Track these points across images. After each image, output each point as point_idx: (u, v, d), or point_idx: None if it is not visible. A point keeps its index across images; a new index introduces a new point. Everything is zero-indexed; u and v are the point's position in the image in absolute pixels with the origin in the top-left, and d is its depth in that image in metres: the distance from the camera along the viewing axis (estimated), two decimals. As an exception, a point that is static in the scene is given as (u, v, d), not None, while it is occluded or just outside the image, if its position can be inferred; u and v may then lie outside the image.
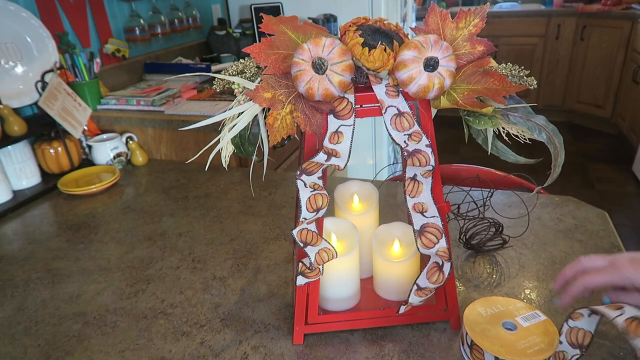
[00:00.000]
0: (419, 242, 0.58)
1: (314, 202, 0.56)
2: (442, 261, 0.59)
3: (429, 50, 0.50)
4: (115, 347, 0.66)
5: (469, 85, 0.54)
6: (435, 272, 0.59)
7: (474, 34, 0.54)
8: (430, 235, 0.57)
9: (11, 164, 1.16)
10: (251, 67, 0.56)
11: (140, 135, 1.38)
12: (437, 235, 0.57)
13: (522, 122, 0.56)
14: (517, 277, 0.76)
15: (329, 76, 0.50)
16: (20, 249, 0.94)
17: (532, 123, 0.55)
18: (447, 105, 0.55)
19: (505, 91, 0.53)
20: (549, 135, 0.55)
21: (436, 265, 0.59)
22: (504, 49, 3.81)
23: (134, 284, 0.80)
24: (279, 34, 0.54)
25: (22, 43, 1.25)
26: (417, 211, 0.57)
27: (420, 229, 0.58)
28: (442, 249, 0.57)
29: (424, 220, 0.57)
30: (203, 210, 1.04)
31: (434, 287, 0.60)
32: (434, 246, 0.57)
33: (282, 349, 0.64)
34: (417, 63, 0.50)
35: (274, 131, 0.53)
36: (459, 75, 0.54)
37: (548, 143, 0.56)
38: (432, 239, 0.57)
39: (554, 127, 0.56)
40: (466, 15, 0.54)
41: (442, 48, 0.50)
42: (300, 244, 0.57)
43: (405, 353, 0.62)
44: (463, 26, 0.54)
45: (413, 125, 0.54)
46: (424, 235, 0.57)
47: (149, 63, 1.74)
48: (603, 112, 3.52)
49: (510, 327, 0.59)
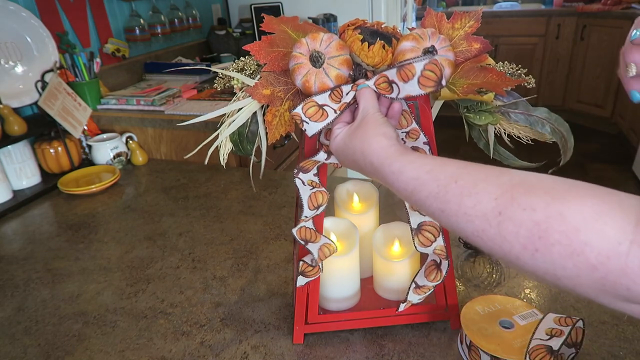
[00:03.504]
0: (416, 240, 0.58)
1: (314, 199, 0.56)
2: (439, 259, 0.59)
3: (427, 41, 0.50)
4: (115, 347, 0.66)
5: (468, 80, 0.55)
6: (433, 271, 0.59)
7: (469, 34, 0.55)
8: (428, 234, 0.57)
9: (11, 163, 1.16)
10: (251, 64, 0.57)
11: (140, 135, 1.38)
12: (434, 234, 0.57)
13: (523, 119, 0.56)
14: (517, 276, 0.76)
15: (325, 69, 0.50)
16: (20, 248, 0.94)
17: (534, 117, 0.56)
18: (447, 96, 0.55)
19: (503, 84, 0.53)
20: (553, 126, 0.55)
21: (434, 264, 0.59)
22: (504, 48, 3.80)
23: (134, 284, 0.80)
24: (279, 32, 0.55)
25: (22, 43, 1.25)
26: (415, 210, 0.57)
27: (417, 227, 0.58)
28: (439, 247, 0.58)
29: (421, 218, 0.57)
30: (203, 210, 1.04)
31: (432, 286, 0.60)
32: (431, 244, 0.57)
33: (282, 348, 0.64)
34: (415, 52, 0.50)
35: (272, 128, 0.53)
36: (457, 71, 0.55)
37: (553, 134, 0.56)
38: (429, 237, 0.57)
39: (558, 116, 0.56)
40: (461, 17, 0.56)
41: (440, 39, 0.51)
42: (301, 242, 0.57)
43: (405, 353, 0.62)
44: (459, 27, 0.56)
45: (411, 122, 0.54)
46: (421, 233, 0.57)
47: (149, 63, 1.74)
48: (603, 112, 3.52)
49: (507, 325, 0.60)
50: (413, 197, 0.40)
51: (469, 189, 0.35)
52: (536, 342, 0.54)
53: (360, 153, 0.46)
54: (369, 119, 0.47)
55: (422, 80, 0.48)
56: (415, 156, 0.41)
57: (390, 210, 1.00)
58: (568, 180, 0.32)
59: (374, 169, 0.44)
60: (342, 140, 0.49)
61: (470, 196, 0.34)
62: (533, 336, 0.55)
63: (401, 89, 0.49)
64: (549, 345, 0.53)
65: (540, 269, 0.30)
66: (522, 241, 0.31)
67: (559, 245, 0.29)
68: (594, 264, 0.27)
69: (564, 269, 0.29)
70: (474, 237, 0.34)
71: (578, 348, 0.57)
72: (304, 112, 0.50)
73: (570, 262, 0.28)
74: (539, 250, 0.30)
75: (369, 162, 0.44)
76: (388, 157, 0.43)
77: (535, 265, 0.31)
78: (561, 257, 0.29)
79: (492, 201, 0.33)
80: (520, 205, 0.31)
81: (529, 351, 0.54)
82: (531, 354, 0.53)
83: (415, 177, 0.39)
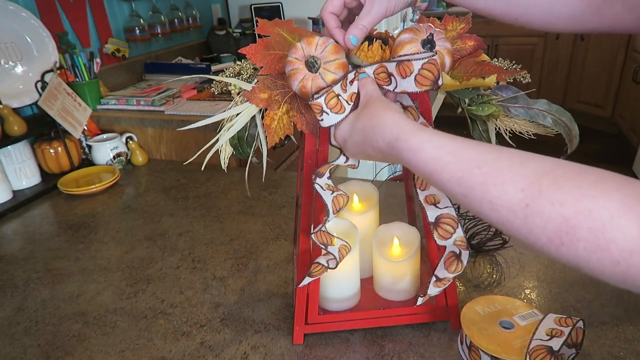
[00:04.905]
0: (436, 234, 0.57)
1: (337, 203, 0.56)
2: (459, 250, 0.58)
3: (424, 34, 0.51)
4: (115, 347, 0.66)
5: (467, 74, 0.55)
6: (453, 262, 0.58)
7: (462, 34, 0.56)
8: (447, 226, 0.57)
9: (11, 164, 1.15)
10: (248, 68, 0.57)
11: (140, 135, 1.38)
12: (453, 225, 0.57)
13: (523, 112, 0.56)
14: (517, 277, 0.76)
15: (322, 74, 0.50)
16: (20, 249, 0.94)
17: (535, 110, 0.56)
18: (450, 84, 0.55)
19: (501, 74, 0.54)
20: (554, 117, 0.55)
21: (453, 255, 0.58)
22: (504, 48, 3.81)
23: (134, 284, 0.80)
24: (275, 35, 0.55)
25: (22, 43, 1.25)
26: (430, 203, 0.57)
27: (435, 220, 0.57)
28: (459, 238, 0.57)
29: (438, 211, 0.57)
30: (203, 210, 1.04)
31: (453, 277, 0.59)
32: (450, 236, 0.57)
33: (282, 349, 0.64)
34: (414, 43, 0.50)
35: (271, 132, 0.53)
36: (455, 67, 0.55)
37: (555, 125, 0.55)
38: (448, 230, 0.57)
39: (558, 107, 0.56)
40: (452, 20, 0.58)
41: (436, 32, 0.51)
42: (322, 245, 0.57)
43: (405, 353, 0.62)
44: (451, 29, 0.58)
45: (418, 118, 0.54)
46: (439, 226, 0.57)
47: (149, 63, 1.74)
48: (603, 112, 3.52)
49: (507, 325, 0.60)
50: (433, 177, 0.39)
51: (494, 178, 0.34)
52: (536, 342, 0.54)
53: (371, 129, 0.44)
54: (374, 99, 0.47)
55: (419, 79, 0.48)
56: (431, 133, 0.40)
57: (391, 211, 1.00)
58: (594, 171, 0.32)
59: (387, 145, 0.43)
60: (348, 124, 0.49)
61: (495, 185, 0.34)
62: (533, 336, 0.55)
63: (398, 83, 0.50)
64: (549, 345, 0.53)
65: (563, 259, 0.31)
66: (549, 235, 0.31)
67: (585, 241, 0.29)
68: (618, 259, 0.28)
69: (588, 262, 0.30)
70: (498, 224, 0.35)
71: (578, 348, 0.57)
72: (326, 102, 0.49)
73: (595, 256, 0.29)
74: (565, 244, 0.30)
75: (381, 137, 0.43)
76: (403, 132, 0.41)
77: (560, 256, 0.31)
78: (586, 252, 0.29)
79: (519, 192, 0.33)
80: (549, 199, 0.31)
81: (529, 351, 0.54)
82: (531, 355, 0.53)
83: (436, 158, 0.38)
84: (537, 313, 0.61)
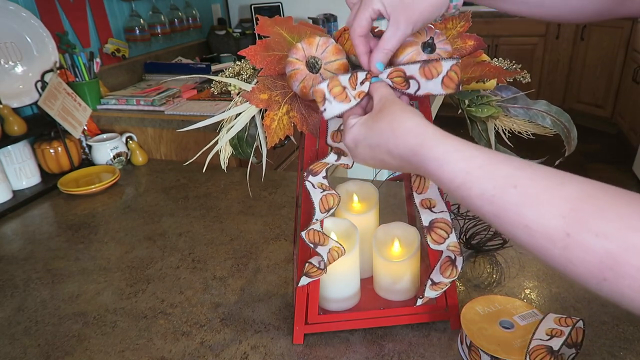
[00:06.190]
0: (429, 238, 0.57)
1: (325, 202, 0.55)
2: (454, 255, 0.58)
3: (425, 35, 0.50)
4: (115, 347, 0.66)
5: (467, 75, 0.56)
6: (448, 267, 0.58)
7: (462, 33, 0.56)
8: (440, 231, 0.57)
9: (11, 164, 1.15)
10: (247, 69, 0.57)
11: (140, 135, 1.38)
12: (447, 230, 0.57)
13: (523, 113, 0.56)
14: (517, 277, 0.76)
15: (322, 75, 0.50)
16: (20, 249, 0.94)
17: (534, 111, 0.56)
18: None
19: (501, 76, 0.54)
20: (553, 118, 0.55)
21: (449, 260, 0.58)
22: (504, 48, 3.80)
23: (134, 284, 0.80)
24: (274, 35, 0.55)
25: (22, 43, 1.25)
26: (425, 207, 0.57)
27: (429, 224, 0.57)
28: (452, 244, 0.57)
29: (432, 215, 0.57)
30: (203, 210, 1.04)
31: (448, 282, 0.59)
32: (444, 241, 0.57)
33: (282, 349, 0.64)
34: (414, 46, 0.50)
35: (271, 132, 0.53)
36: None
37: (554, 126, 0.55)
38: (442, 234, 0.57)
39: (557, 108, 0.56)
40: (452, 19, 0.57)
41: (437, 34, 0.51)
42: (311, 244, 0.57)
43: (405, 353, 0.62)
44: (451, 27, 0.57)
45: None
46: (433, 231, 0.57)
47: (149, 63, 1.74)
48: (603, 112, 3.52)
49: (507, 325, 0.60)
50: (459, 192, 0.35)
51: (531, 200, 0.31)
52: (536, 342, 0.54)
53: (391, 132, 0.40)
54: (391, 103, 0.43)
55: (445, 81, 0.47)
56: (459, 142, 0.37)
57: (391, 211, 0.99)
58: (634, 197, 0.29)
59: (410, 151, 0.39)
60: (362, 126, 0.44)
61: (532, 207, 0.31)
62: (533, 336, 0.55)
63: (422, 85, 0.47)
64: (549, 345, 0.53)
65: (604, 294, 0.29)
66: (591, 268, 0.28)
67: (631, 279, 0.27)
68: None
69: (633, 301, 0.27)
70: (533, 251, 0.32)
71: (578, 348, 0.57)
72: (329, 89, 0.47)
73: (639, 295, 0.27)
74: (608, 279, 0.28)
75: (402, 142, 0.39)
76: (428, 139, 0.38)
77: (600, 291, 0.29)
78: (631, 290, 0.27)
79: (559, 219, 0.30)
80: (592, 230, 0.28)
81: (529, 351, 0.54)
82: (531, 354, 0.53)
83: (465, 171, 0.35)
84: (537, 313, 0.61)
